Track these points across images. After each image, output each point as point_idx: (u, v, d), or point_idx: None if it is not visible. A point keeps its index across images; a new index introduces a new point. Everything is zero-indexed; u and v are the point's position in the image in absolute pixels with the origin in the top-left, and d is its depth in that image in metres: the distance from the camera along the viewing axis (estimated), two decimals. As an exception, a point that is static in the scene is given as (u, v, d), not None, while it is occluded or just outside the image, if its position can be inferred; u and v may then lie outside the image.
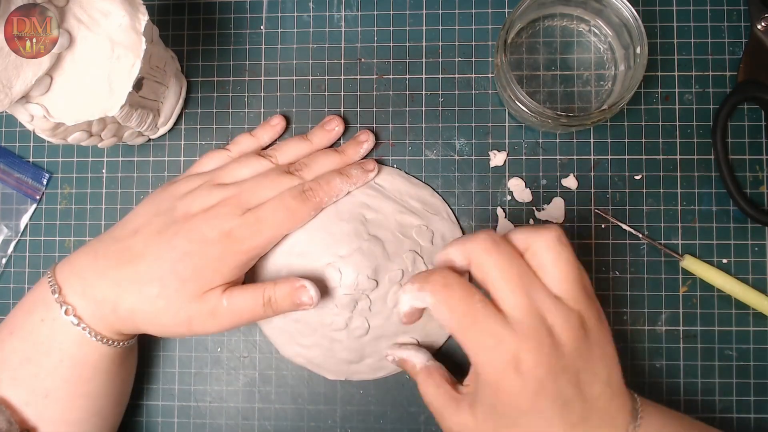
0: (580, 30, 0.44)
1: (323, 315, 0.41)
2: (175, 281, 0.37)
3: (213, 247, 0.37)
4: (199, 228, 0.37)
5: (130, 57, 0.35)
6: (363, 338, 0.41)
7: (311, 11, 0.46)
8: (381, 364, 0.43)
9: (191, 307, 0.37)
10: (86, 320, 0.37)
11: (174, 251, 0.37)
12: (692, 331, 0.43)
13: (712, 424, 0.42)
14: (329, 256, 0.40)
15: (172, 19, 0.46)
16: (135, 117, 0.39)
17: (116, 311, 0.37)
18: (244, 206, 0.38)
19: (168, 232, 0.38)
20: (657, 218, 0.43)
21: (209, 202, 0.39)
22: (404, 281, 0.41)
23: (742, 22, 0.44)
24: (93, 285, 0.37)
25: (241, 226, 0.38)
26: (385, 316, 0.41)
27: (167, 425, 0.45)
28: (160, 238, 0.37)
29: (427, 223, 0.42)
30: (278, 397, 0.44)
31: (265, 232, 0.38)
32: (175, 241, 0.37)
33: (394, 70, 0.45)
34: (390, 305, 0.41)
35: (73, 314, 0.37)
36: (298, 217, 0.39)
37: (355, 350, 0.42)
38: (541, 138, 0.44)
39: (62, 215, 0.46)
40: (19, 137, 0.46)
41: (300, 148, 0.43)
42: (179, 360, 0.45)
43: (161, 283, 0.37)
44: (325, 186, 0.40)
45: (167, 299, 0.37)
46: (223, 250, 0.37)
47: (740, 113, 0.43)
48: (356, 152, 0.43)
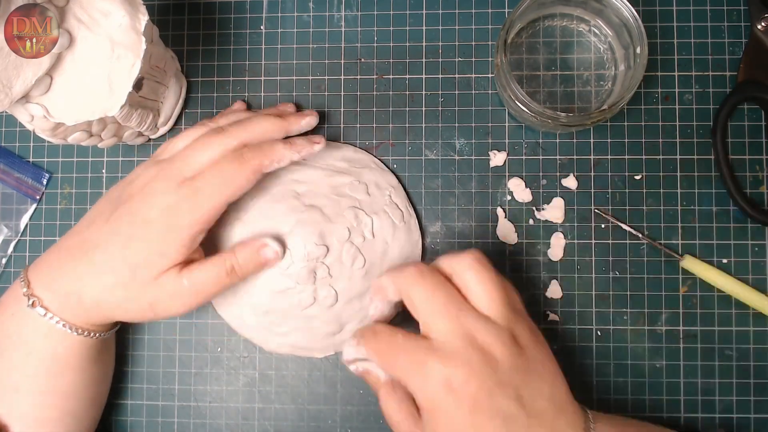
0: (580, 30, 0.44)
1: (289, 296, 0.41)
2: (126, 269, 0.36)
3: (153, 226, 0.36)
4: (138, 209, 0.36)
5: (130, 57, 0.35)
6: (335, 306, 0.42)
7: (311, 11, 0.46)
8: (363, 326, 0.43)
9: (149, 293, 0.36)
10: (54, 311, 0.37)
11: (119, 236, 0.36)
12: (692, 331, 0.43)
13: (713, 424, 0.42)
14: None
15: (172, 19, 0.46)
16: (135, 117, 0.39)
17: (82, 303, 0.37)
18: (179, 176, 0.37)
19: (113, 218, 0.37)
20: (657, 218, 0.43)
21: (146, 179, 0.37)
22: (353, 238, 0.41)
23: (742, 22, 0.44)
24: (57, 279, 0.37)
25: (178, 200, 0.36)
26: (347, 277, 0.41)
27: (167, 425, 0.45)
28: (109, 226, 0.37)
29: (357, 177, 0.43)
30: (278, 397, 0.44)
31: (205, 203, 0.36)
32: (119, 227, 0.37)
33: (394, 70, 0.45)
34: (348, 264, 0.41)
35: (40, 305, 0.36)
36: (237, 182, 0.37)
37: (333, 320, 0.42)
38: (541, 138, 0.44)
39: (62, 215, 0.46)
40: (19, 137, 0.46)
41: (243, 116, 0.41)
42: (179, 360, 0.45)
43: (114, 272, 0.36)
44: (267, 149, 0.38)
45: (124, 288, 0.36)
46: (163, 228, 0.36)
47: (740, 113, 0.43)
48: (297, 121, 0.41)
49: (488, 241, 0.44)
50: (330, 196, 0.42)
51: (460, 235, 0.44)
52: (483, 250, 0.43)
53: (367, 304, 0.41)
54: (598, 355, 0.43)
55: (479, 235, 0.44)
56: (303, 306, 0.41)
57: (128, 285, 0.36)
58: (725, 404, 0.42)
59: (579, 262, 0.43)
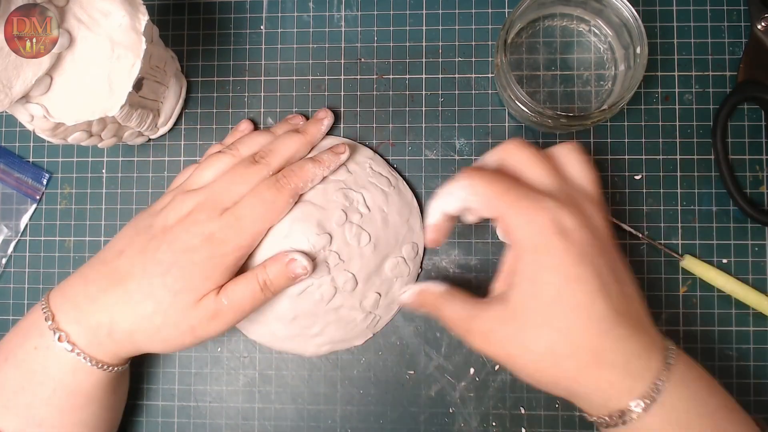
0: (580, 30, 0.44)
1: (311, 294, 0.41)
2: (168, 295, 0.36)
3: (197, 253, 0.36)
4: (179, 237, 0.37)
5: (130, 57, 0.35)
6: (357, 289, 0.41)
7: (311, 11, 0.46)
8: (389, 300, 0.43)
9: (191, 316, 0.37)
10: (81, 346, 0.36)
11: (160, 265, 0.36)
12: (692, 331, 0.43)
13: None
14: (277, 246, 0.40)
15: (172, 19, 0.46)
16: (135, 117, 0.39)
17: (112, 335, 0.36)
18: (220, 207, 0.38)
19: (150, 247, 0.37)
20: (657, 218, 0.43)
21: (184, 210, 0.38)
22: (350, 218, 0.41)
23: (742, 22, 0.44)
24: (86, 311, 0.37)
25: (221, 227, 0.37)
26: (358, 256, 0.41)
27: (167, 425, 0.45)
28: (144, 256, 0.37)
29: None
30: (278, 397, 0.44)
31: (247, 229, 0.37)
32: (158, 255, 0.37)
33: (394, 70, 0.45)
34: (355, 244, 0.41)
35: (67, 341, 0.36)
36: (277, 207, 0.38)
37: (358, 303, 0.42)
38: (541, 138, 0.44)
39: (62, 215, 0.46)
40: (19, 137, 0.46)
41: (262, 139, 0.42)
42: (179, 360, 0.45)
43: (154, 299, 0.36)
44: (298, 171, 0.39)
45: (164, 314, 0.36)
46: (208, 254, 0.37)
47: (740, 113, 0.44)
48: (318, 130, 0.42)
49: (488, 241, 0.44)
50: (315, 187, 0.41)
51: (461, 235, 0.44)
52: (483, 251, 0.44)
53: (391, 280, 0.42)
54: (598, 355, 0.43)
55: (479, 235, 0.44)
56: (327, 299, 0.41)
57: (168, 311, 0.36)
58: (725, 404, 0.42)
59: (579, 262, 0.43)
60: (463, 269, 0.44)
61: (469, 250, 0.44)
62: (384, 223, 0.42)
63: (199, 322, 0.37)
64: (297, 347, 0.43)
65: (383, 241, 0.42)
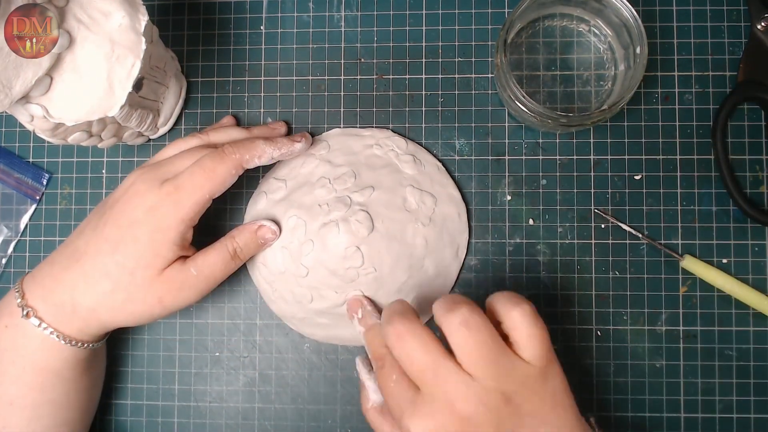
0: (580, 30, 0.44)
1: (351, 261, 0.40)
2: (124, 273, 0.36)
3: (140, 228, 0.36)
4: (123, 211, 0.37)
5: (130, 57, 0.35)
6: (372, 235, 0.41)
7: (311, 11, 0.46)
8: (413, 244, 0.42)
9: (156, 288, 0.37)
10: (48, 321, 0.37)
11: (107, 242, 0.37)
12: (692, 331, 0.43)
13: (713, 424, 0.42)
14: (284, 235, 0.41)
15: (172, 19, 0.46)
16: (135, 117, 0.39)
17: (76, 312, 0.37)
18: (161, 178, 0.37)
19: (99, 224, 0.37)
20: (657, 218, 0.43)
21: (129, 183, 0.38)
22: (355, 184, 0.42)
23: (742, 22, 0.44)
24: (51, 290, 0.37)
25: (161, 198, 0.36)
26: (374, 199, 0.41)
27: (167, 425, 0.45)
28: (96, 233, 0.37)
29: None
30: (278, 397, 0.44)
31: (187, 199, 0.36)
32: (106, 232, 0.37)
33: (394, 70, 0.45)
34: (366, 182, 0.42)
35: (35, 316, 0.36)
36: (217, 175, 0.37)
37: (389, 250, 0.41)
38: (541, 138, 0.44)
39: (62, 215, 0.46)
40: (19, 137, 0.46)
41: (235, 133, 0.41)
42: (179, 360, 0.45)
43: (111, 279, 0.36)
44: (248, 144, 0.38)
45: (126, 291, 0.36)
46: (152, 228, 0.36)
47: (740, 113, 0.43)
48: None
49: (488, 241, 0.44)
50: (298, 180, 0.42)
51: (460, 235, 0.44)
52: (482, 250, 0.44)
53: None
54: (598, 355, 0.43)
55: (479, 235, 0.44)
56: (355, 265, 0.40)
57: (129, 288, 0.36)
58: (725, 404, 0.42)
59: (579, 262, 0.43)
60: (463, 269, 0.44)
61: (469, 250, 0.44)
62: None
63: (167, 293, 0.37)
64: (343, 336, 0.43)
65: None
